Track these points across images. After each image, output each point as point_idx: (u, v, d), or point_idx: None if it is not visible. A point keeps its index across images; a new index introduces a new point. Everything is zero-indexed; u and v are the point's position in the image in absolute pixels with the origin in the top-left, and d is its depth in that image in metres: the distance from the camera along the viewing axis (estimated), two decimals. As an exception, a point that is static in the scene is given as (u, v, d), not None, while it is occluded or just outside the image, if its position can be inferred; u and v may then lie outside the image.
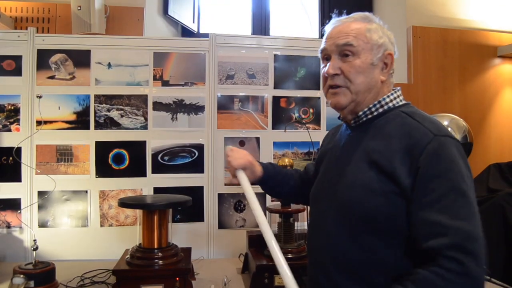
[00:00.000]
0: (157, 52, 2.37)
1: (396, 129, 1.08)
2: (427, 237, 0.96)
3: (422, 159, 1.00)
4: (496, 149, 3.30)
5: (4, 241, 2.19)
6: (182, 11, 3.30)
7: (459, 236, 0.93)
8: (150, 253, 1.75)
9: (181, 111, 2.38)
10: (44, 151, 2.26)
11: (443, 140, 1.02)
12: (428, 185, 0.98)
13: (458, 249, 0.92)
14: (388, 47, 1.18)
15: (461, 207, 0.96)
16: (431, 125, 1.06)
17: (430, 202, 0.97)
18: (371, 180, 1.06)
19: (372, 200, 1.04)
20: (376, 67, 1.16)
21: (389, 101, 1.17)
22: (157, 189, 2.33)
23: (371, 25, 1.17)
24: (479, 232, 0.95)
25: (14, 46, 2.27)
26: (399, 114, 1.12)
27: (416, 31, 3.20)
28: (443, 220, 0.95)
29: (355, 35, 1.15)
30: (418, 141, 1.02)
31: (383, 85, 1.18)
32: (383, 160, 1.05)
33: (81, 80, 2.31)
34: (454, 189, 0.97)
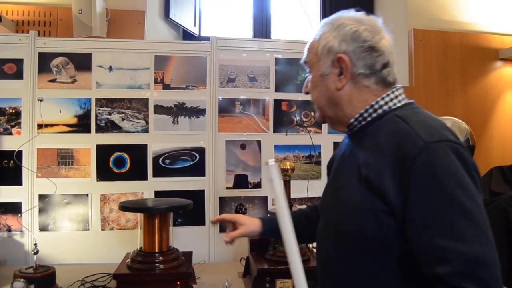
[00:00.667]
0: (158, 56, 2.37)
1: (387, 138, 0.96)
2: (429, 263, 0.86)
3: (413, 173, 0.87)
4: (498, 152, 3.29)
5: (5, 244, 2.19)
6: (183, 14, 3.30)
7: (464, 262, 0.81)
8: (151, 257, 1.74)
9: (182, 114, 2.37)
10: (45, 154, 2.26)
11: (436, 148, 0.88)
12: (423, 204, 0.86)
13: (464, 276, 0.81)
14: (340, 50, 1.04)
15: (464, 227, 0.83)
16: (423, 129, 0.92)
17: (427, 224, 0.86)
18: (361, 198, 0.97)
19: (361, 219, 0.96)
20: (329, 76, 1.06)
21: (383, 104, 1.04)
22: (158, 193, 2.32)
23: (323, 31, 1.08)
24: (489, 252, 0.83)
25: (15, 49, 2.27)
26: (393, 119, 1.00)
27: (417, 34, 3.19)
28: (444, 244, 0.83)
29: (308, 50, 1.12)
30: (407, 152, 0.89)
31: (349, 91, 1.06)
32: (373, 176, 0.94)
33: (82, 84, 2.31)
34: (454, 205, 0.84)
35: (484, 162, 3.14)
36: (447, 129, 0.95)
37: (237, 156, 2.41)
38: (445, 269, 0.82)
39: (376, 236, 0.94)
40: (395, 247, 0.93)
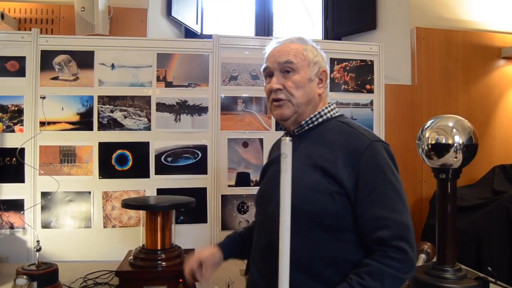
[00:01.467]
0: (161, 53, 2.37)
1: (336, 136, 1.23)
2: (373, 229, 1.13)
3: (362, 162, 1.15)
4: (501, 150, 3.28)
5: (7, 242, 2.19)
6: (186, 12, 3.30)
7: (399, 228, 1.11)
8: (153, 255, 1.74)
9: (185, 112, 2.37)
10: (48, 152, 2.26)
11: (377, 145, 1.19)
12: (369, 186, 1.14)
13: (399, 238, 1.10)
14: (322, 65, 1.32)
15: (397, 203, 1.14)
16: (365, 132, 1.23)
17: (373, 200, 1.14)
18: (316, 181, 1.18)
19: (318, 199, 1.16)
20: (313, 82, 1.30)
21: (327, 112, 1.32)
22: (160, 190, 2.33)
23: (307, 46, 1.32)
24: (410, 221, 1.15)
25: (18, 47, 2.27)
26: (337, 123, 1.28)
27: (420, 33, 3.18)
28: (385, 214, 1.12)
29: (294, 54, 1.28)
30: (357, 146, 1.18)
31: (320, 98, 1.32)
32: (327, 163, 1.18)
33: (84, 81, 2.31)
34: (391, 187, 1.15)
35: (486, 161, 3.14)
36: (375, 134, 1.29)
37: (239, 154, 2.42)
38: (386, 233, 1.11)
39: (332, 211, 1.16)
40: (348, 224, 1.16)
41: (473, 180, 3.10)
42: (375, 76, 2.56)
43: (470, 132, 1.67)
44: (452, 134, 1.66)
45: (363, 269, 1.10)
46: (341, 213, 1.16)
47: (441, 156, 1.67)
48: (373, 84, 2.56)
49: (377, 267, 1.09)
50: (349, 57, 2.54)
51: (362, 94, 2.55)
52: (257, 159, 2.42)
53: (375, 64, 2.57)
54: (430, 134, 1.70)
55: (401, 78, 3.16)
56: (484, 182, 2.99)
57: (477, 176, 3.10)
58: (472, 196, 2.78)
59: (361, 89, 2.55)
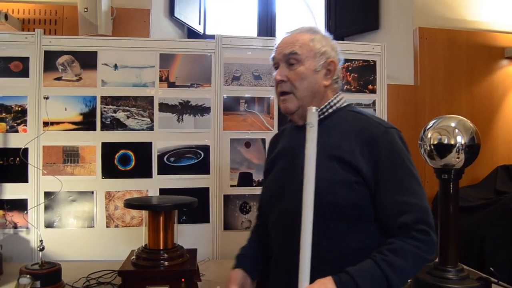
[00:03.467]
0: (163, 54, 2.37)
1: (351, 125, 1.23)
2: (396, 215, 1.13)
3: (379, 149, 1.17)
4: (504, 150, 3.28)
5: (11, 241, 2.20)
6: (188, 12, 3.31)
7: (420, 211, 1.13)
8: (156, 254, 1.74)
9: (187, 112, 2.38)
10: (51, 152, 2.27)
11: (392, 132, 1.20)
12: (388, 172, 1.16)
13: (421, 222, 1.11)
14: (331, 55, 1.29)
15: (416, 188, 1.16)
16: (378, 119, 1.26)
17: (393, 187, 1.15)
18: (335, 172, 1.18)
19: (338, 189, 1.16)
20: (319, 73, 1.27)
21: (336, 102, 1.31)
22: (163, 190, 2.33)
23: (315, 36, 1.29)
24: (428, 205, 1.16)
25: (21, 47, 2.28)
26: (349, 113, 1.29)
27: (422, 33, 3.18)
28: (406, 199, 1.13)
29: (300, 45, 1.27)
30: (373, 134, 1.19)
31: (327, 90, 1.30)
32: (344, 153, 1.18)
33: (87, 82, 2.32)
34: (409, 173, 1.17)
35: (489, 161, 3.13)
36: None
37: (241, 154, 2.42)
38: (408, 218, 1.12)
39: (352, 201, 1.16)
40: (368, 213, 1.17)
41: (476, 181, 3.10)
42: (377, 76, 2.56)
43: (473, 133, 1.67)
44: (454, 134, 1.66)
45: (386, 247, 1.11)
46: (361, 203, 1.16)
47: (443, 157, 1.67)
48: (375, 84, 2.56)
49: (400, 244, 1.09)
50: (352, 57, 2.54)
51: (364, 94, 2.55)
52: (260, 159, 2.42)
53: (377, 64, 2.56)
54: (433, 134, 1.70)
55: (404, 78, 3.16)
56: (487, 182, 2.99)
57: (480, 176, 3.10)
58: (475, 197, 2.78)
59: (363, 89, 2.55)
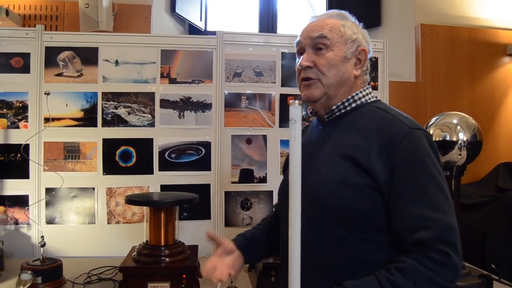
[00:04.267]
0: (165, 50, 2.37)
1: (372, 124, 1.09)
2: (412, 230, 0.97)
3: (398, 152, 1.01)
4: (506, 148, 3.27)
5: (12, 237, 2.20)
6: (190, 9, 3.30)
7: (442, 229, 0.95)
8: (157, 251, 1.75)
9: (188, 108, 2.37)
10: (52, 148, 2.27)
11: (418, 133, 1.04)
12: (408, 179, 1.00)
13: (442, 241, 0.94)
14: (362, 43, 1.18)
15: (441, 200, 0.98)
16: (405, 118, 1.08)
17: (411, 196, 0.99)
18: (346, 173, 1.05)
19: (346, 193, 1.03)
20: (349, 61, 1.16)
21: (362, 97, 1.18)
22: (164, 187, 2.33)
23: (346, 22, 1.19)
24: (456, 224, 0.98)
25: (22, 43, 2.28)
26: (373, 109, 1.14)
27: (424, 29, 3.17)
28: (426, 213, 0.97)
29: (330, 29, 1.16)
30: (395, 134, 1.03)
31: (357, 80, 1.18)
32: (359, 154, 1.04)
33: (88, 78, 2.32)
34: (433, 182, 0.99)
35: (491, 158, 3.13)
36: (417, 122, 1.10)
37: (242, 151, 2.42)
38: (426, 234, 0.95)
39: (361, 208, 1.02)
40: (379, 222, 1.03)
41: (477, 178, 3.09)
42: (379, 73, 2.55)
43: (475, 129, 1.67)
44: (457, 131, 1.66)
45: (396, 265, 0.96)
46: (372, 211, 1.02)
47: (445, 153, 1.67)
48: (377, 81, 2.55)
49: (412, 265, 0.94)
50: (353, 53, 2.53)
51: (366, 91, 2.54)
52: (261, 155, 2.42)
53: (379, 61, 2.56)
54: (435, 131, 1.70)
55: (406, 75, 3.15)
56: (489, 179, 2.99)
57: (482, 173, 3.10)
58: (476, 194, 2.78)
59: (365, 86, 2.54)
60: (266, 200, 2.42)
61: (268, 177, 2.42)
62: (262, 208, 2.41)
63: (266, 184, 2.42)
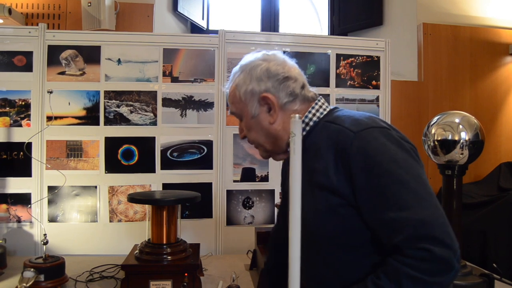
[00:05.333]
0: (167, 49, 2.37)
1: (324, 141, 1.06)
2: (387, 236, 0.96)
3: (351, 162, 0.98)
4: (508, 147, 3.27)
5: (15, 235, 2.21)
6: (192, 7, 3.31)
7: (414, 227, 0.91)
8: (159, 249, 1.75)
9: (190, 107, 2.38)
10: (54, 146, 2.28)
11: (364, 134, 1.00)
12: (367, 186, 0.97)
13: (417, 239, 0.90)
14: (260, 88, 1.14)
15: (405, 196, 0.93)
16: (351, 123, 1.04)
17: (375, 203, 0.96)
18: (316, 200, 1.05)
19: (322, 219, 1.04)
20: (260, 115, 1.16)
21: (312, 116, 1.15)
22: (166, 185, 2.34)
23: (239, 79, 1.18)
24: (432, 214, 0.92)
25: (25, 42, 2.28)
26: (324, 125, 1.11)
27: (426, 28, 3.17)
28: (393, 216, 0.93)
29: (232, 102, 1.21)
30: (343, 145, 1.00)
31: (280, 124, 1.15)
32: (320, 176, 1.03)
33: (91, 76, 2.32)
34: (392, 179, 0.95)
35: (493, 158, 3.13)
36: (370, 119, 1.06)
37: (244, 150, 2.42)
38: (399, 237, 0.92)
39: (343, 229, 1.02)
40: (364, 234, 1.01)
41: (479, 177, 3.10)
42: (381, 72, 2.55)
43: (477, 129, 1.66)
44: (459, 130, 1.65)
45: (382, 268, 0.96)
46: (353, 229, 1.02)
47: (447, 153, 1.67)
48: (379, 80, 2.55)
49: (394, 266, 0.93)
50: (355, 52, 2.53)
51: (368, 90, 2.54)
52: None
53: (381, 60, 2.56)
54: (436, 130, 1.70)
55: (408, 74, 3.15)
56: (490, 179, 2.99)
57: (483, 173, 3.10)
58: (478, 193, 2.78)
59: (367, 85, 2.54)
60: (268, 198, 2.42)
61: (270, 175, 2.42)
62: (264, 207, 2.41)
63: (268, 182, 2.42)
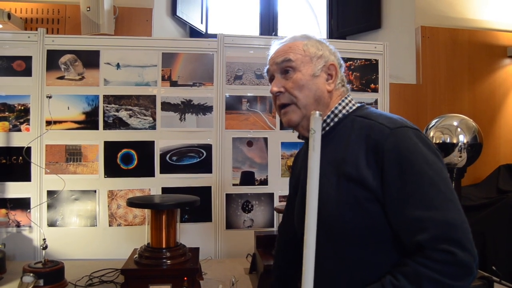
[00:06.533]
0: (166, 53, 2.38)
1: (355, 134, 1.08)
2: (410, 234, 0.96)
3: (384, 157, 0.99)
4: (506, 149, 3.28)
5: (14, 240, 2.21)
6: (190, 12, 3.31)
7: (439, 227, 0.92)
8: (158, 253, 1.75)
9: (189, 111, 2.38)
10: (54, 151, 2.28)
11: (400, 132, 1.02)
12: (397, 183, 0.98)
13: (441, 240, 0.91)
14: (330, 58, 1.18)
15: (434, 197, 0.95)
16: (385, 120, 1.06)
17: (403, 199, 0.97)
18: (341, 191, 1.05)
19: (345, 212, 1.04)
20: (319, 78, 1.16)
21: (341, 109, 1.16)
22: (165, 189, 2.34)
23: (309, 41, 1.20)
24: (458, 218, 0.94)
25: (24, 46, 2.29)
26: (355, 119, 1.12)
27: (424, 31, 3.18)
28: (420, 214, 0.94)
29: (293, 51, 1.17)
30: (377, 140, 1.02)
31: (332, 95, 1.18)
32: (349, 168, 1.04)
33: (90, 81, 2.32)
34: (423, 180, 0.96)
35: (491, 160, 3.13)
36: (403, 119, 1.08)
37: (243, 153, 2.42)
38: (424, 236, 0.92)
39: (364, 227, 1.02)
40: (385, 232, 1.01)
41: (478, 180, 3.10)
42: (379, 75, 2.56)
43: (475, 131, 1.67)
44: (457, 133, 1.66)
45: (400, 269, 0.96)
46: (376, 225, 1.02)
47: (446, 156, 1.67)
48: (377, 83, 2.56)
49: (415, 268, 0.92)
50: (354, 56, 2.54)
51: (366, 93, 2.55)
52: (262, 158, 2.43)
53: (379, 63, 2.56)
54: (435, 133, 1.71)
55: (406, 77, 3.16)
56: (489, 181, 2.99)
57: (483, 175, 3.10)
58: (477, 196, 2.78)
59: (365, 88, 2.55)
60: (267, 202, 2.42)
61: (269, 179, 2.42)
62: (263, 211, 2.41)
63: (267, 186, 2.42)
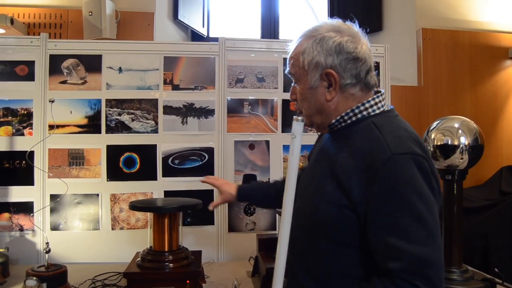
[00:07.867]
0: (167, 57, 2.39)
1: (361, 144, 1.05)
2: (383, 258, 0.97)
3: (377, 179, 0.97)
4: (508, 151, 3.27)
5: (17, 244, 2.22)
6: (192, 15, 3.33)
7: (413, 261, 0.92)
8: (161, 256, 1.75)
9: (191, 115, 2.39)
10: (56, 155, 2.29)
11: (401, 159, 0.97)
12: (383, 207, 0.96)
13: (411, 273, 0.92)
14: (327, 63, 1.09)
15: (416, 231, 0.94)
16: (393, 140, 1.00)
17: (386, 225, 0.96)
18: (330, 191, 1.05)
19: (327, 210, 1.05)
20: (318, 89, 1.11)
21: (363, 109, 1.11)
22: (168, 193, 2.34)
23: (307, 45, 1.11)
24: (436, 255, 0.94)
25: (27, 51, 2.30)
26: (369, 125, 1.07)
27: (425, 33, 3.18)
28: (398, 244, 0.93)
29: (293, 62, 1.15)
30: (375, 159, 0.98)
31: (338, 101, 1.12)
32: (343, 174, 1.03)
33: (92, 85, 2.34)
34: (410, 212, 0.94)
35: (493, 162, 3.13)
36: (415, 142, 1.03)
37: (245, 156, 2.43)
38: (395, 265, 0.93)
39: (337, 226, 1.04)
40: (354, 237, 1.03)
41: (480, 181, 3.09)
42: (381, 77, 2.56)
43: (476, 133, 1.67)
44: (458, 135, 1.66)
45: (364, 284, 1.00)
46: (347, 229, 1.03)
47: (447, 157, 1.67)
48: (379, 85, 2.55)
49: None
50: (355, 59, 2.54)
51: (368, 96, 2.55)
52: (264, 161, 2.43)
53: (381, 66, 2.57)
54: (436, 135, 1.71)
55: (407, 79, 3.16)
56: (492, 183, 2.99)
57: (485, 177, 3.10)
58: (480, 197, 2.78)
59: (367, 90, 2.55)
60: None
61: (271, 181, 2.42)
62: (265, 213, 2.42)
63: (269, 189, 2.42)
